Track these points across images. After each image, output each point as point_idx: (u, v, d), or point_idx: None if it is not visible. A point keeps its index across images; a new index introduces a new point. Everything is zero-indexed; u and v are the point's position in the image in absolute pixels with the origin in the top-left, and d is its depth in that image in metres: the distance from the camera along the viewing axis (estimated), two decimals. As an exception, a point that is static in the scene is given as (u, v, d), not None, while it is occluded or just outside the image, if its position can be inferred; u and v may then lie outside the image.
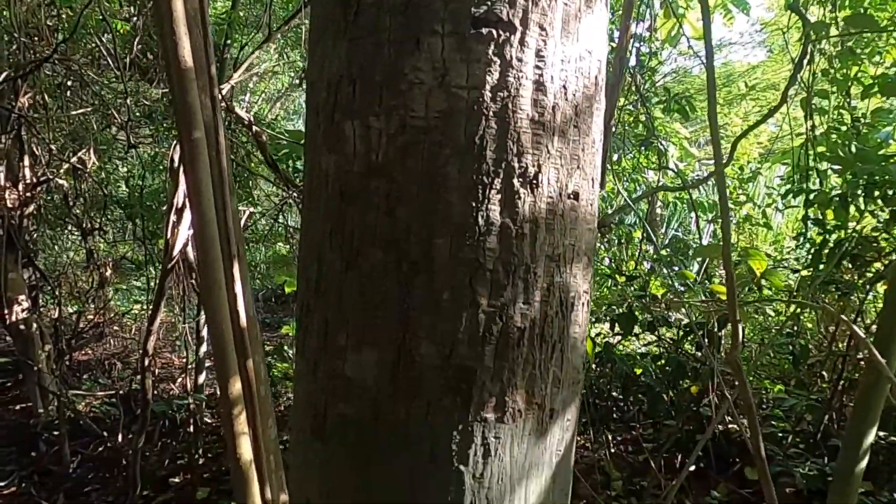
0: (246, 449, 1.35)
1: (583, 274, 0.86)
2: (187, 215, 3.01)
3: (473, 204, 0.75)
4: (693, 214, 4.91)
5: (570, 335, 0.85)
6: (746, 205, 4.99)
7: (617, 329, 3.67)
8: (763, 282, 2.21)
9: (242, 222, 4.11)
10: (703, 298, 3.25)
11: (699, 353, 3.52)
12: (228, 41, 5.45)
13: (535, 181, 0.77)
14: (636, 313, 3.64)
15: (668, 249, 5.13)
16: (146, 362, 3.30)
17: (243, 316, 1.34)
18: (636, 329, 3.56)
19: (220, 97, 1.43)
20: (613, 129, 3.91)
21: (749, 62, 7.12)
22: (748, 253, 1.96)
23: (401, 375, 0.77)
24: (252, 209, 3.90)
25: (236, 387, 1.31)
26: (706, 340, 3.33)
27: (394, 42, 0.76)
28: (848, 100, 4.34)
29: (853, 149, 3.45)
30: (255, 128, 3.64)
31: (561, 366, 0.83)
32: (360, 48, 0.78)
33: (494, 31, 0.75)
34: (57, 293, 5.68)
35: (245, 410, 1.33)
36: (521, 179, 0.77)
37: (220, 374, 1.32)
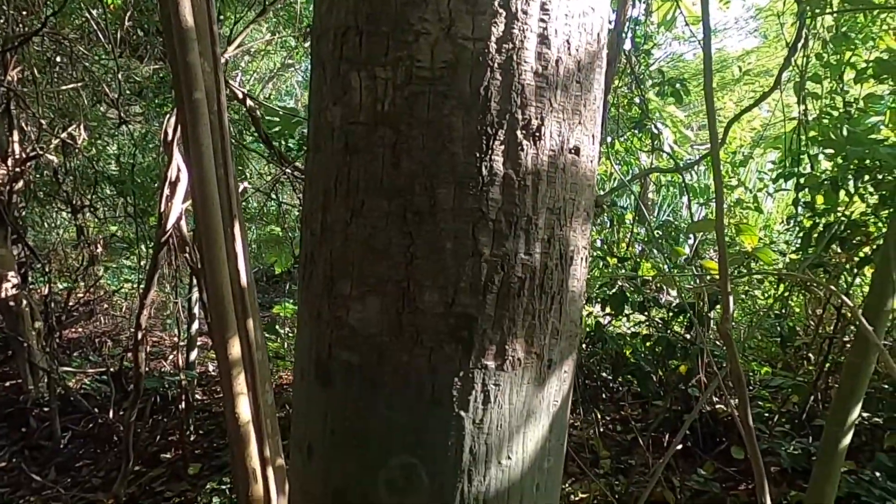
0: (244, 409, 1.37)
1: (581, 229, 0.87)
2: (181, 189, 3.01)
3: (477, 154, 0.77)
4: (685, 198, 4.94)
5: (569, 288, 0.87)
6: (738, 189, 5.02)
7: (608, 310, 3.71)
8: (752, 263, 2.23)
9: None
10: (695, 276, 3.29)
11: (688, 334, 3.56)
12: (221, 17, 5.39)
13: (537, 133, 0.79)
14: (627, 294, 3.68)
15: (660, 232, 5.18)
16: (139, 336, 3.30)
17: (244, 275, 1.35)
18: (626, 309, 3.60)
19: (221, 57, 1.43)
20: (608, 107, 3.92)
21: (743, 48, 7.14)
22: (740, 228, 1.98)
23: (404, 322, 0.78)
24: (246, 184, 3.88)
25: (235, 348, 1.33)
26: (696, 320, 3.37)
27: None
28: (841, 84, 4.37)
29: (845, 132, 3.48)
30: (249, 102, 3.62)
31: (559, 317, 0.85)
32: None
33: None
34: (47, 270, 5.65)
35: (244, 372, 1.35)
36: (524, 131, 0.78)
37: (218, 335, 1.34)
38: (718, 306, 3.28)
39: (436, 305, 0.77)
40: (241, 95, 3.58)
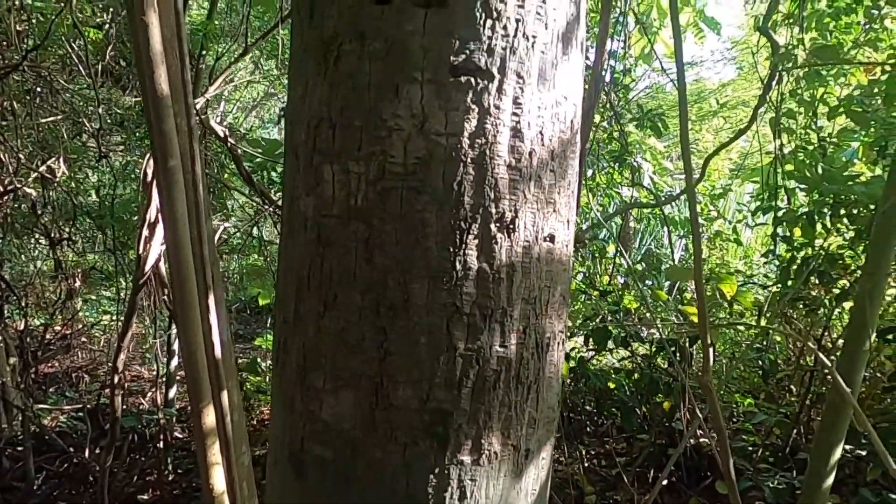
0: (219, 480, 1.34)
1: (558, 314, 0.87)
2: (160, 230, 2.98)
3: (451, 249, 0.76)
4: (666, 229, 4.98)
5: (546, 375, 0.86)
6: (717, 221, 5.08)
7: (591, 344, 3.71)
8: (733, 305, 2.25)
9: (217, 236, 4.06)
10: (675, 316, 3.30)
11: (671, 369, 3.57)
12: (204, 51, 5.40)
13: (511, 226, 0.79)
14: (610, 329, 3.68)
15: (642, 264, 5.20)
16: (116, 379, 3.24)
17: (218, 347, 1.33)
18: (609, 344, 3.60)
19: (197, 123, 1.42)
20: (588, 146, 3.96)
21: (720, 79, 7.27)
22: (719, 276, 2.00)
23: (378, 418, 0.77)
24: (226, 224, 3.86)
25: (209, 417, 1.30)
26: (678, 356, 3.38)
27: (374, 88, 0.77)
28: (815, 119, 4.46)
29: (819, 169, 3.55)
30: (230, 141, 3.61)
31: (536, 406, 0.84)
32: (339, 92, 0.78)
33: (473, 80, 0.76)
34: (23, 304, 5.55)
35: (218, 441, 1.32)
36: (497, 224, 0.78)
37: (194, 403, 1.31)
38: (699, 343, 3.29)
39: (410, 401, 0.76)
40: (222, 134, 3.58)
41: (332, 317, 0.79)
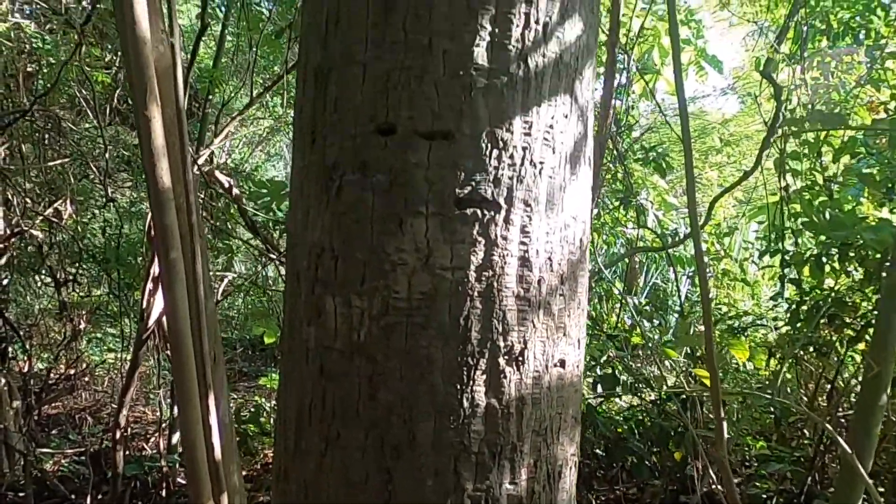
0: (220, 579, 1.30)
1: (570, 438, 0.84)
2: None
3: (458, 386, 0.74)
4: (672, 268, 4.95)
5: (558, 502, 0.83)
6: (724, 259, 5.04)
7: (599, 390, 3.66)
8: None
9: (221, 289, 4.04)
10: (686, 375, 3.25)
11: (681, 419, 3.50)
12: (210, 96, 5.45)
13: (520, 358, 0.76)
14: (617, 375, 3.64)
15: (649, 306, 5.15)
16: (118, 434, 3.20)
17: (217, 450, 1.30)
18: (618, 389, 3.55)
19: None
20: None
21: (723, 111, 7.28)
22: (730, 343, 1.97)
23: (383, 563, 0.74)
24: (229, 275, 3.85)
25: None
26: (687, 405, 3.32)
27: (377, 221, 0.75)
28: (820, 160, 4.44)
29: (827, 214, 3.52)
30: (235, 191, 3.61)
31: (548, 539, 0.81)
32: (342, 224, 0.77)
33: (479, 211, 0.75)
34: (27, 346, 5.54)
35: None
36: (506, 357, 0.75)
37: (193, 499, 1.28)
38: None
39: (417, 544, 0.73)
40: (226, 185, 3.58)
41: (335, 455, 0.76)
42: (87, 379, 6.93)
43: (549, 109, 0.79)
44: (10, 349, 5.30)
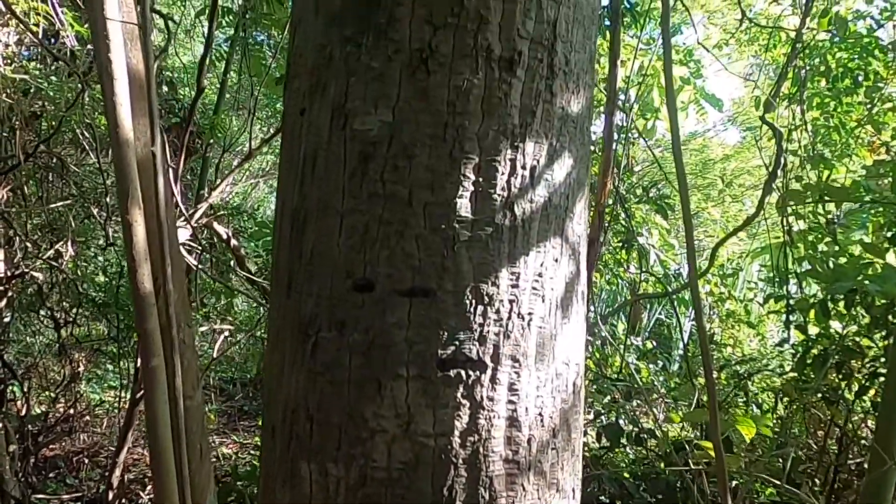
0: None
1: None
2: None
3: None
4: (674, 309, 4.89)
5: None
6: (729, 300, 4.98)
7: (604, 441, 3.59)
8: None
9: (219, 344, 4.00)
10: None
11: (688, 470, 3.42)
12: (212, 141, 5.46)
13: (511, 534, 0.71)
14: (622, 426, 3.57)
15: (652, 342, 5.09)
16: (111, 496, 3.14)
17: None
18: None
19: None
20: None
21: (723, 145, 7.26)
22: (736, 420, 1.92)
23: None
24: (230, 328, 3.82)
25: None
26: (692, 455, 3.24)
27: (354, 383, 0.71)
28: (822, 202, 4.39)
29: (830, 263, 3.48)
30: (233, 242, 3.59)
31: None
32: (318, 384, 0.73)
33: (463, 372, 0.71)
34: (26, 387, 5.49)
35: None
36: None
37: None
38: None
39: None
40: (224, 236, 3.56)
41: None
42: (86, 418, 6.86)
43: (538, 256, 0.76)
44: (8, 390, 5.25)
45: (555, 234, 0.78)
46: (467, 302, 0.71)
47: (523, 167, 0.75)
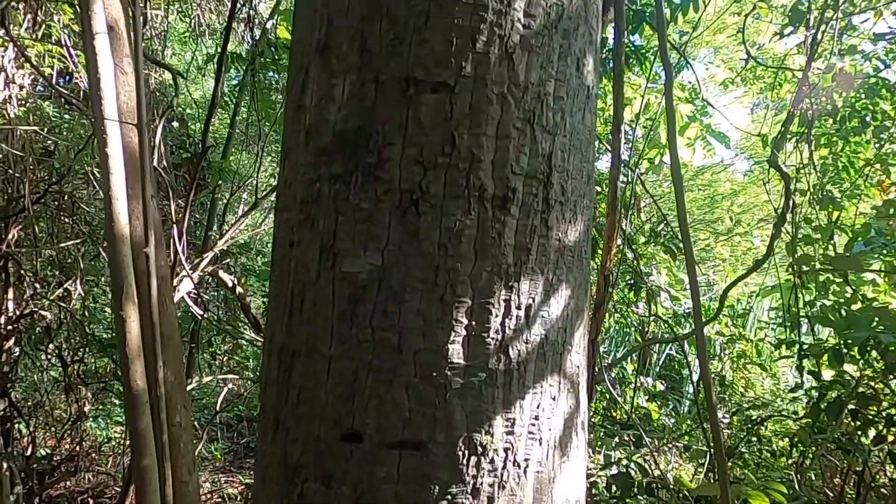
0: None
1: None
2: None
3: None
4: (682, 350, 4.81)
5: None
6: (740, 340, 4.92)
7: (613, 491, 3.51)
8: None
9: (222, 396, 3.98)
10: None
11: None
12: (220, 182, 5.50)
13: None
14: (632, 474, 3.50)
15: (662, 383, 5.01)
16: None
17: None
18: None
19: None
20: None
21: (731, 179, 7.23)
22: (749, 494, 1.87)
23: None
24: (231, 383, 3.79)
25: None
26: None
27: None
28: (832, 243, 4.35)
29: (843, 311, 3.43)
30: (238, 289, 3.59)
31: None
32: None
33: None
34: (32, 426, 5.48)
35: None
36: None
37: None
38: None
39: None
40: (230, 284, 3.56)
41: None
42: (92, 456, 6.83)
43: (535, 398, 0.73)
44: (14, 429, 5.24)
45: (552, 372, 0.75)
46: (460, 453, 0.69)
47: (518, 307, 0.73)
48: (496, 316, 0.72)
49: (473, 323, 0.71)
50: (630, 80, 5.33)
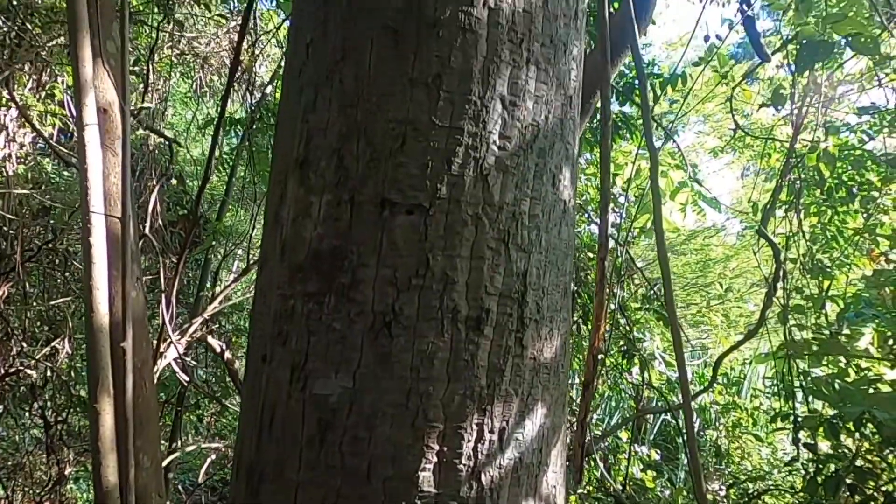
0: None
1: None
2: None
3: None
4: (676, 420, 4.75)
5: None
6: (734, 410, 4.86)
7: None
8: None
9: (204, 469, 3.89)
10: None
11: None
12: (214, 243, 5.51)
13: None
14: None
15: (657, 452, 4.90)
16: None
17: None
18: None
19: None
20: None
21: (724, 243, 7.27)
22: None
23: None
24: (224, 443, 3.73)
25: None
26: None
27: None
28: (823, 312, 4.35)
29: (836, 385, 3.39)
30: (226, 355, 3.55)
31: None
32: None
33: None
34: (10, 488, 5.32)
35: None
36: None
37: None
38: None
39: None
40: (218, 349, 3.53)
41: None
42: (71, 520, 6.60)
43: None
44: (-8, 493, 5.09)
45: (527, 496, 0.73)
46: None
47: (491, 431, 0.71)
48: (468, 441, 0.70)
49: (445, 448, 0.69)
50: (620, 146, 5.43)
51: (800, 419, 3.77)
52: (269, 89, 5.26)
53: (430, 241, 0.72)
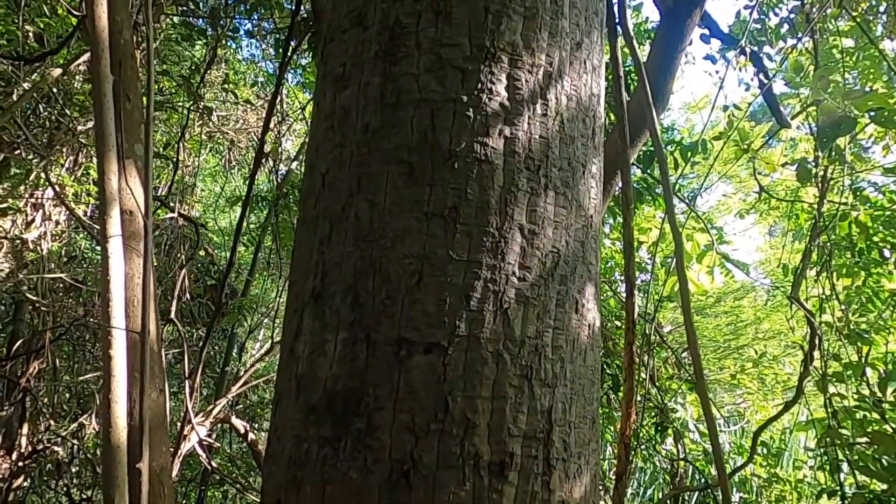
0: None
1: None
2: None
3: None
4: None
5: None
6: (777, 482, 4.64)
7: None
8: None
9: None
10: None
11: None
12: (240, 315, 5.54)
13: None
14: None
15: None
16: None
17: None
18: None
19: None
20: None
21: (755, 305, 7.11)
22: None
23: None
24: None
25: None
26: None
27: None
28: (864, 380, 4.18)
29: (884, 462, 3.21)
30: (251, 436, 3.51)
31: None
32: None
33: None
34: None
35: None
36: None
37: None
38: None
39: None
40: (242, 430, 3.49)
41: None
42: None
43: None
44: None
45: None
46: None
47: None
48: None
49: None
50: (644, 211, 5.41)
51: (848, 497, 3.57)
52: (294, 165, 5.38)
53: (449, 382, 0.69)
